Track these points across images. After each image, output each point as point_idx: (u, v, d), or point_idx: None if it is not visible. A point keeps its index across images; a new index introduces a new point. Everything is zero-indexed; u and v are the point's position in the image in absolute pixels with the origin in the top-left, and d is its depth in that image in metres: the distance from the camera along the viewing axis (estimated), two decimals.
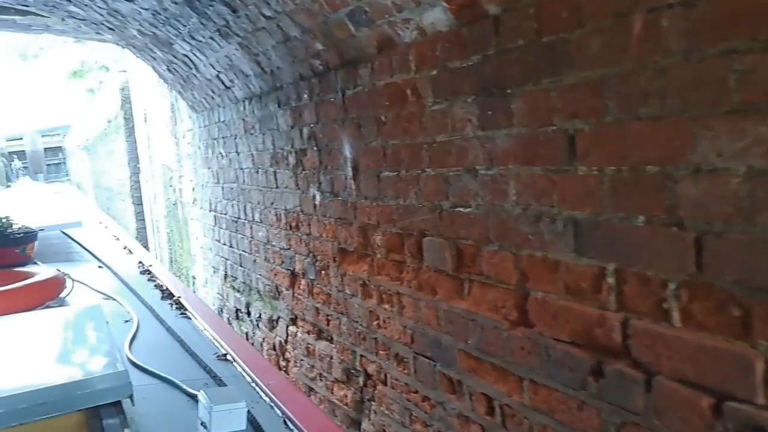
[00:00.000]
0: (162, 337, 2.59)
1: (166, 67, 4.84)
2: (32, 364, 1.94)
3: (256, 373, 2.15)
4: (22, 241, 3.98)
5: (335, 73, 2.80)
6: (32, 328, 2.34)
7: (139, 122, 9.14)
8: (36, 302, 2.94)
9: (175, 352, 2.41)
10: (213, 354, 2.36)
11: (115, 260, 4.28)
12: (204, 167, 5.30)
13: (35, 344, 2.14)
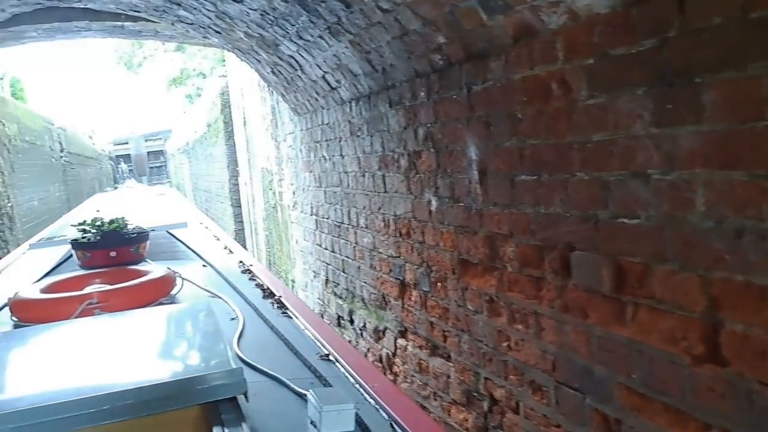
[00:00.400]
0: (266, 336, 2.59)
1: (271, 69, 4.78)
2: (151, 358, 2.03)
3: (359, 374, 2.11)
4: (136, 241, 4.07)
5: (459, 68, 2.56)
6: (149, 324, 2.41)
7: (239, 126, 9.30)
8: (150, 299, 3.01)
9: (279, 350, 2.40)
10: (316, 354, 2.34)
11: (218, 259, 4.34)
12: (305, 171, 5.21)
13: (152, 339, 2.23)
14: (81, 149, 21.02)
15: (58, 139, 15.93)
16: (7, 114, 10.27)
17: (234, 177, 10.25)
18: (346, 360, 2.24)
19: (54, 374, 1.86)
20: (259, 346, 2.40)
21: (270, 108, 6.34)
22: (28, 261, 4.75)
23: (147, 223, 4.55)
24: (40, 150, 13.17)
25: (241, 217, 10.20)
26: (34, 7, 4.42)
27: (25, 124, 11.74)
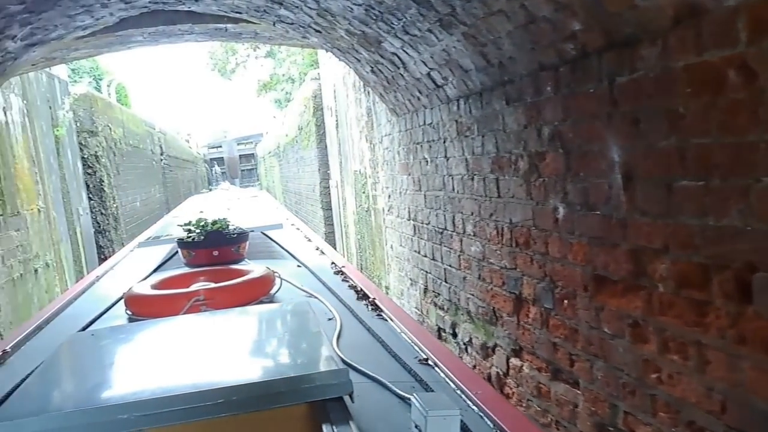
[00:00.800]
0: (363, 337, 2.59)
1: (371, 68, 4.60)
2: (259, 355, 2.09)
3: (461, 380, 2.08)
4: (237, 241, 4.18)
5: (598, 57, 2.25)
6: (253, 321, 2.48)
7: (331, 129, 9.25)
8: (251, 297, 3.07)
9: (377, 352, 2.39)
10: (414, 358, 2.32)
11: (310, 260, 4.38)
12: (403, 174, 5.00)
13: (258, 336, 2.32)
14: (179, 152, 21.92)
15: (158, 142, 16.64)
16: (113, 118, 10.75)
17: (325, 180, 10.24)
18: (446, 365, 2.21)
19: (168, 367, 1.94)
20: (357, 347, 2.39)
21: (365, 109, 6.18)
22: (137, 258, 5.04)
23: (243, 224, 4.62)
24: (143, 153, 13.76)
25: (331, 220, 10.16)
26: (140, 11, 4.46)
27: (129, 128, 12.27)
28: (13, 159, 5.76)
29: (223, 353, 2.07)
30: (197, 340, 2.24)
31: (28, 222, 5.96)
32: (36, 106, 6.89)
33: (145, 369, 1.96)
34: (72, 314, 3.41)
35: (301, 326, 2.32)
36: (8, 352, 2.70)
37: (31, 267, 5.93)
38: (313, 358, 2.00)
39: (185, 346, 2.18)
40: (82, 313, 3.29)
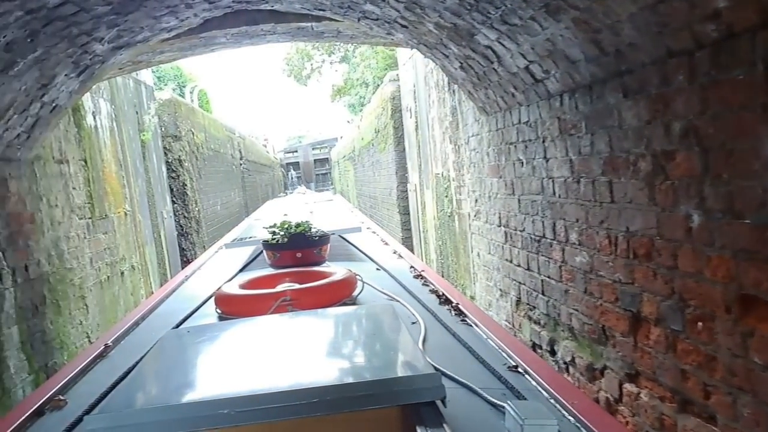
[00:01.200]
0: (448, 342, 2.56)
1: (460, 64, 4.33)
2: (348, 356, 2.09)
3: (555, 389, 2.01)
4: (319, 243, 4.27)
5: (750, 38, 1.89)
6: (339, 322, 2.49)
7: (409, 131, 9.03)
8: (335, 299, 3.10)
9: (464, 358, 2.36)
10: (503, 364, 2.27)
11: (389, 263, 4.38)
12: (493, 176, 4.69)
13: (345, 337, 2.32)
14: (257, 157, 22.36)
15: (238, 147, 16.97)
16: (196, 123, 10.95)
17: (402, 184, 10.03)
18: (537, 373, 2.15)
19: (261, 365, 1.98)
20: (442, 352, 2.36)
21: (450, 109, 5.91)
22: (223, 259, 5.25)
23: (324, 227, 4.70)
24: (223, 157, 14.02)
25: (408, 225, 9.94)
26: (223, 11, 4.39)
27: (211, 133, 12.51)
28: (101, 163, 5.87)
29: (313, 353, 2.12)
30: (286, 340, 2.28)
31: (115, 225, 6.05)
32: (123, 110, 7.03)
33: (239, 366, 2.00)
34: (165, 311, 3.60)
35: (388, 329, 2.31)
36: (110, 346, 2.91)
37: (117, 269, 6.02)
38: (404, 361, 1.98)
39: (275, 345, 2.22)
40: (175, 311, 3.46)
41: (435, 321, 2.84)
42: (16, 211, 4.03)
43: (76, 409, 2.10)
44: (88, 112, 5.61)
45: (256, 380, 1.82)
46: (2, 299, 3.71)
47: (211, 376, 1.99)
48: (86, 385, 2.42)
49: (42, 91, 3.87)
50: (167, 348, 2.27)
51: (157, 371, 2.05)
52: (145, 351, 2.41)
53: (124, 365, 2.42)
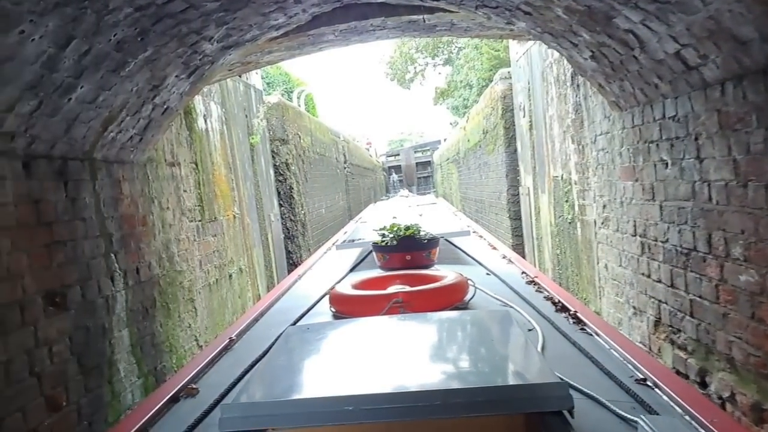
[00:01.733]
0: (568, 351, 2.46)
1: (591, 53, 3.86)
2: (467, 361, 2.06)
3: (691, 405, 1.89)
4: (429, 246, 4.27)
5: None
6: (454, 326, 2.46)
7: (522, 131, 8.53)
8: (446, 303, 3.07)
9: (585, 368, 2.27)
10: (629, 376, 2.16)
11: (498, 268, 4.29)
12: (627, 179, 4.17)
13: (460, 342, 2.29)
14: (360, 160, 22.47)
15: (342, 150, 17.05)
16: (302, 127, 11.01)
17: (513, 187, 9.52)
18: (670, 387, 2.04)
19: (381, 365, 1.98)
20: (562, 361, 2.28)
21: (573, 106, 5.41)
22: (332, 259, 5.40)
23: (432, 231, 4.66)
24: (328, 161, 14.08)
25: (520, 231, 9.41)
26: (332, 5, 4.19)
27: (317, 137, 12.57)
28: (212, 166, 5.89)
29: (432, 356, 2.12)
30: (403, 341, 2.29)
31: (224, 228, 6.06)
32: (233, 114, 7.08)
33: (359, 365, 2.03)
34: (282, 309, 3.77)
35: (506, 335, 2.27)
36: (234, 340, 3.10)
37: (226, 272, 6.02)
38: (527, 368, 1.94)
39: (392, 346, 2.21)
40: (290, 308, 3.61)
41: (552, 329, 2.74)
42: (128, 214, 4.02)
43: (207, 396, 2.30)
44: (199, 115, 5.63)
45: (378, 380, 1.84)
46: (114, 302, 3.69)
47: (332, 373, 2.00)
48: (215, 375, 2.61)
49: (153, 92, 3.82)
50: (289, 344, 2.33)
51: (281, 366, 2.11)
52: (267, 345, 2.65)
53: (249, 358, 2.63)
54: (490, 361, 2.05)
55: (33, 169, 3.04)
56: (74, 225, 3.37)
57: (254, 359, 2.59)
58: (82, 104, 3.22)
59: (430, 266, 4.12)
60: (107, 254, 3.67)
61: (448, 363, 2.04)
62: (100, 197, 3.67)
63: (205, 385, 2.48)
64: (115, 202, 3.88)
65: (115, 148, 3.87)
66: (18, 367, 2.75)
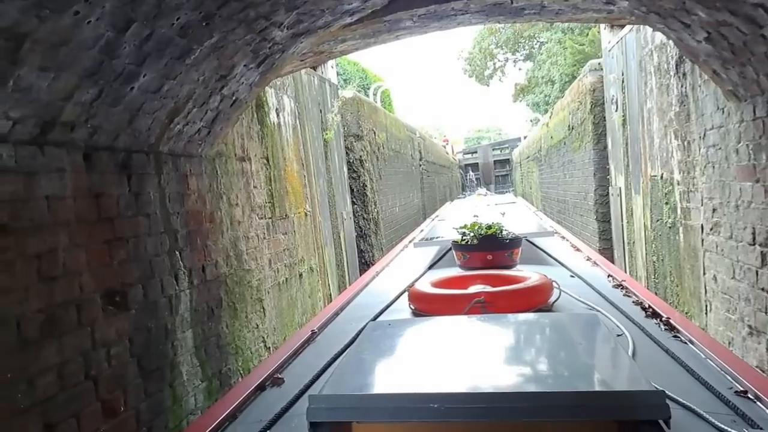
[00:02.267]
0: (660, 359, 2.39)
1: (707, 34, 3.35)
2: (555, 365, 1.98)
3: None
4: (511, 246, 4.17)
5: None
6: (540, 329, 2.37)
7: (614, 126, 7.92)
8: (530, 305, 2.99)
9: (680, 377, 2.18)
10: (728, 388, 2.04)
11: (583, 271, 4.14)
12: (746, 179, 3.63)
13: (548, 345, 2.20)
14: (436, 157, 22.09)
15: (418, 147, 16.73)
16: (378, 122, 10.76)
17: (602, 187, 8.88)
18: None
19: (465, 365, 1.93)
20: (654, 369, 2.20)
21: (677, 97, 4.85)
22: (410, 256, 5.39)
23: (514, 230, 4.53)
24: (403, 158, 13.80)
25: (608, 234, 8.78)
26: None
27: (392, 133, 12.31)
28: (283, 161, 5.71)
29: (518, 357, 2.09)
30: (486, 342, 2.25)
31: (295, 225, 5.88)
32: (307, 108, 6.90)
33: (442, 363, 1.99)
34: (361, 304, 3.80)
35: (595, 340, 2.19)
36: (316, 332, 3.14)
37: (296, 271, 5.83)
38: (620, 375, 1.88)
39: (476, 346, 2.18)
40: (370, 304, 3.63)
41: (643, 335, 2.65)
42: (195, 210, 3.87)
43: (292, 386, 2.36)
44: (271, 109, 5.46)
45: (464, 380, 1.81)
46: (177, 301, 3.53)
47: (416, 370, 1.98)
48: (299, 366, 2.67)
49: (221, 82, 3.63)
50: (372, 339, 2.33)
51: (365, 360, 2.11)
52: (348, 339, 2.72)
53: (331, 350, 2.67)
54: (581, 365, 1.97)
55: (94, 162, 2.89)
56: (137, 221, 3.22)
57: (337, 352, 2.64)
58: (145, 93, 3.05)
59: (512, 267, 4.04)
60: (171, 252, 3.51)
61: (535, 365, 1.99)
62: (165, 192, 3.52)
63: (290, 375, 2.56)
64: (182, 198, 3.73)
65: (182, 141, 3.71)
66: (73, 369, 2.60)
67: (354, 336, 2.71)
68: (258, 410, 2.26)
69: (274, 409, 2.16)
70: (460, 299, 2.98)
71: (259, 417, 2.16)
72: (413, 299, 3.29)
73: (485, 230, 4.18)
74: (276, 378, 2.52)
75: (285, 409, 2.15)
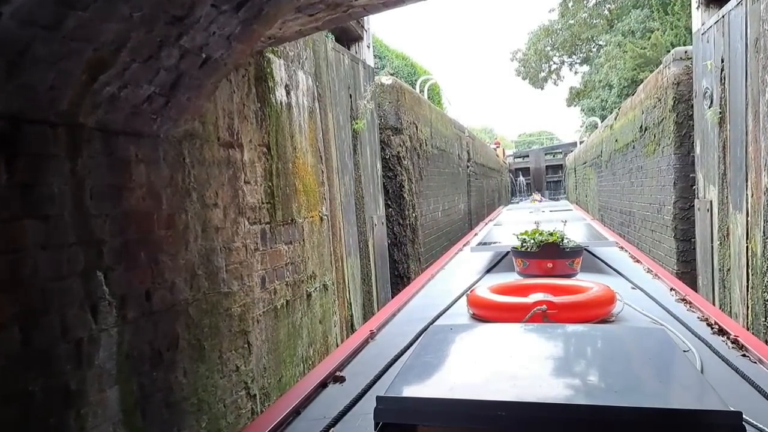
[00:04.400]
0: (729, 377, 2.33)
1: None
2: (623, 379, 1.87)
3: None
4: (572, 255, 4.12)
5: None
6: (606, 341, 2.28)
7: (704, 126, 6.49)
8: (592, 316, 2.98)
9: (751, 397, 2.13)
10: None
11: (645, 284, 4.11)
12: None
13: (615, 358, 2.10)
14: (485, 159, 20.66)
15: (466, 147, 15.39)
16: (421, 116, 9.51)
17: (683, 199, 7.43)
18: None
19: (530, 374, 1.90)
20: (724, 388, 2.06)
21: None
22: (466, 260, 5.42)
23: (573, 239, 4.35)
24: (449, 157, 12.50)
25: (690, 256, 7.32)
26: None
27: (437, 129, 11.03)
28: (293, 152, 4.56)
29: (583, 369, 2.00)
30: (550, 351, 2.19)
31: (304, 232, 4.72)
32: (333, 91, 5.75)
33: (507, 371, 1.95)
34: (418, 306, 3.84)
35: (664, 355, 2.07)
36: (374, 332, 3.23)
37: (303, 290, 4.67)
38: (692, 393, 1.79)
39: (539, 355, 2.12)
40: (427, 306, 3.66)
41: (710, 352, 2.61)
42: (140, 211, 2.74)
43: (354, 385, 2.43)
44: (278, 84, 4.32)
45: (531, 389, 1.76)
46: (93, 347, 2.40)
47: (481, 376, 1.93)
48: (359, 365, 2.74)
49: (176, 28, 2.49)
50: (434, 342, 2.29)
51: (429, 363, 2.07)
52: (408, 340, 2.86)
53: (391, 351, 2.75)
54: (651, 381, 1.87)
55: None
56: (20, 226, 2.10)
57: (398, 353, 2.70)
58: (31, 27, 1.94)
59: (573, 276, 4.04)
60: (88, 273, 2.39)
61: (604, 379, 1.86)
62: (84, 184, 2.40)
63: (351, 373, 2.61)
64: (117, 193, 2.61)
65: (121, 111, 2.58)
66: None
67: (414, 338, 2.84)
68: (322, 407, 2.30)
69: (338, 406, 2.20)
70: (521, 307, 2.96)
71: (323, 414, 2.19)
72: (472, 304, 3.30)
73: (547, 238, 4.11)
74: (338, 376, 2.58)
75: (349, 407, 2.19)
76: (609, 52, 32.85)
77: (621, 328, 2.82)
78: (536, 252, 4.06)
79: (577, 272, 4.12)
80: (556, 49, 46.91)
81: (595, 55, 40.17)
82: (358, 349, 2.94)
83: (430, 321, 3.23)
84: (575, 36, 43.33)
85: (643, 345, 2.22)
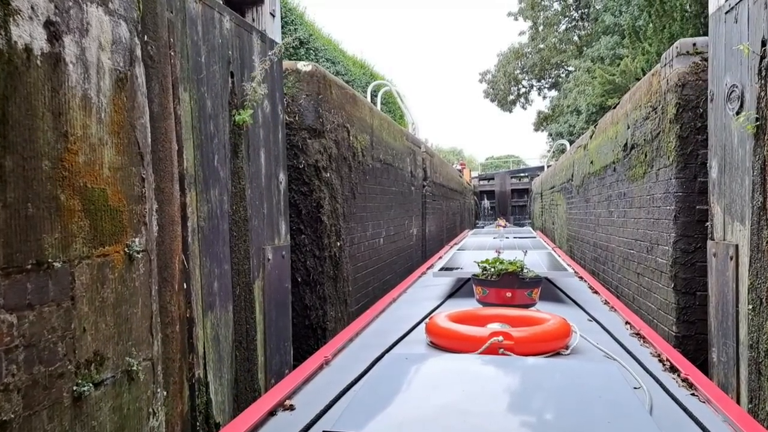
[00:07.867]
0: (677, 418, 2.33)
1: None
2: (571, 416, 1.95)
3: None
4: (531, 285, 4.21)
5: None
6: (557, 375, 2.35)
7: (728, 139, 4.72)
8: (548, 348, 3.06)
9: None
10: None
11: (601, 316, 4.16)
12: None
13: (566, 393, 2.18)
14: (446, 179, 18.88)
15: (422, 164, 13.55)
16: (356, 118, 7.58)
17: (688, 238, 5.65)
18: None
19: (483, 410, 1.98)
20: (671, 427, 2.18)
21: None
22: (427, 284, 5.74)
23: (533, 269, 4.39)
24: (397, 173, 10.60)
25: (694, 315, 5.52)
26: None
27: (382, 138, 9.12)
28: (59, 142, 2.55)
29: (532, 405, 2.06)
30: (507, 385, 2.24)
31: (77, 284, 2.66)
32: (195, 62, 3.81)
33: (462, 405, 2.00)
34: (376, 331, 4.00)
35: (614, 393, 2.17)
36: (329, 358, 3.28)
37: (61, 390, 2.61)
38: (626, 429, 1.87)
39: (491, 390, 2.18)
40: (385, 332, 3.81)
41: (661, 390, 2.65)
42: None
43: (304, 413, 2.42)
44: (20, 17, 2.35)
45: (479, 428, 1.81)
46: None
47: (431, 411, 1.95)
48: (311, 394, 2.73)
49: None
50: (389, 372, 2.34)
51: (382, 394, 2.11)
52: (363, 368, 2.89)
53: (345, 379, 2.77)
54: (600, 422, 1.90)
55: None
56: None
57: (351, 381, 2.71)
58: None
59: (531, 306, 4.12)
60: None
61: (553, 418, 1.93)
62: None
63: (302, 402, 2.61)
64: None
65: None
66: None
67: (368, 366, 2.89)
68: None
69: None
70: (477, 339, 2.99)
71: None
72: (430, 332, 3.38)
73: (507, 267, 4.22)
74: (287, 404, 2.57)
75: None
76: (578, 77, 31.91)
77: (575, 362, 2.87)
78: (496, 281, 4.17)
79: (536, 302, 4.25)
80: (525, 72, 46.10)
81: (564, 81, 39.40)
82: (311, 376, 2.97)
83: (387, 348, 3.28)
84: (545, 60, 42.59)
85: (595, 382, 2.32)
